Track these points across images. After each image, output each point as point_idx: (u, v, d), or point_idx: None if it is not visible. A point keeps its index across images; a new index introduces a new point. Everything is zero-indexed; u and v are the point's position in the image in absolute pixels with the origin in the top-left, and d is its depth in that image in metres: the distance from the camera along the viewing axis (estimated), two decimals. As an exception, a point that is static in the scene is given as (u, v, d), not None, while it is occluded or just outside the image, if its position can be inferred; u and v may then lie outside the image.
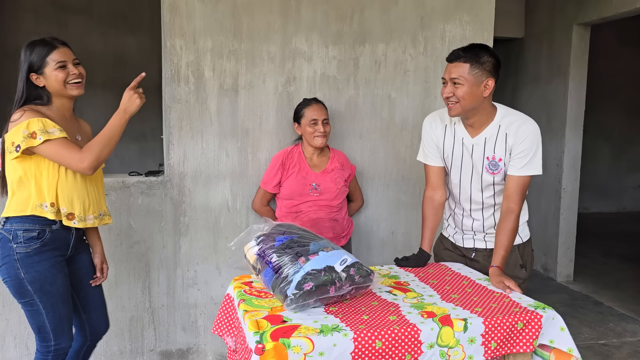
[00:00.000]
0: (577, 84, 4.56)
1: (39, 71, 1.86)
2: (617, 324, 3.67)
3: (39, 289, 1.89)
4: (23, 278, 1.86)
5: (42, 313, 1.92)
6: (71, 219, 1.92)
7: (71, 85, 1.90)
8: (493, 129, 2.00)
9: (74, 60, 1.92)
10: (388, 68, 3.00)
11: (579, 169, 4.69)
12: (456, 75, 1.91)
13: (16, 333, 2.67)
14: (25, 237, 1.85)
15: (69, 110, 1.99)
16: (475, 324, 1.58)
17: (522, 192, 1.99)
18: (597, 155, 7.48)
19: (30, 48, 1.88)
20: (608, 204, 7.80)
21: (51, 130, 1.78)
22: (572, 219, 4.71)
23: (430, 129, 2.17)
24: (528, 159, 1.96)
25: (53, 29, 5.42)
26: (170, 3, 2.68)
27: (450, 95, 1.94)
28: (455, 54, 1.94)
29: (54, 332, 1.95)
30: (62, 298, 1.95)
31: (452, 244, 2.27)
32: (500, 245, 1.98)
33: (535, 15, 5.01)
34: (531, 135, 1.96)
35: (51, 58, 1.86)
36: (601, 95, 7.04)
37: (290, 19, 2.84)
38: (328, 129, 2.63)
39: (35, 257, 1.87)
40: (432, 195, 2.21)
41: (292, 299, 1.58)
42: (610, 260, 5.32)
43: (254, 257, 1.75)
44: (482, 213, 2.12)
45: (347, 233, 2.77)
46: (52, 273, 1.91)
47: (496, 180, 2.04)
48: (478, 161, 2.04)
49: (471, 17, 3.07)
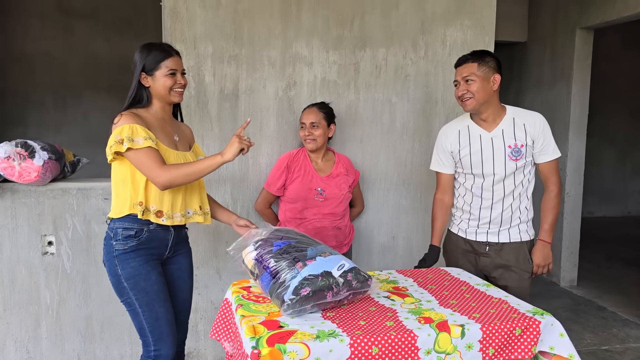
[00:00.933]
0: (580, 88, 4.55)
1: (150, 73, 1.95)
2: (621, 330, 3.64)
3: (134, 286, 1.91)
4: (120, 275, 1.91)
5: (139, 312, 1.93)
6: (160, 217, 1.95)
7: (175, 92, 1.98)
8: (508, 121, 2.23)
9: (183, 71, 2.01)
10: (389, 73, 3.00)
11: (582, 173, 4.67)
12: (467, 73, 2.17)
13: (17, 337, 2.68)
14: (124, 235, 1.91)
15: (168, 113, 2.05)
16: (473, 330, 1.58)
17: (556, 173, 2.26)
18: (601, 158, 7.44)
19: (147, 50, 1.96)
20: (612, 208, 7.75)
21: (137, 139, 1.84)
22: (575, 224, 4.69)
23: (445, 138, 2.36)
24: (551, 146, 2.23)
25: (59, 34, 5.47)
26: (171, 8, 2.70)
27: (464, 92, 2.18)
28: (463, 58, 2.22)
29: (152, 335, 1.93)
30: (158, 297, 1.94)
31: (464, 240, 2.36)
32: (544, 220, 2.27)
33: (539, 19, 5.01)
34: (545, 125, 2.22)
35: (165, 64, 1.94)
36: (605, 99, 7.01)
37: (291, 24, 2.84)
38: (317, 132, 2.60)
39: (131, 254, 1.92)
40: (442, 198, 2.42)
41: (289, 304, 1.58)
42: (614, 264, 5.28)
43: (251, 262, 1.76)
44: (502, 204, 2.25)
45: (349, 240, 2.77)
46: (146, 269, 1.93)
47: (518, 165, 2.21)
48: (499, 151, 2.22)
49: (472, 22, 3.07)
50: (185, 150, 2.06)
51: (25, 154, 2.45)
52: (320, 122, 2.61)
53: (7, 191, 2.59)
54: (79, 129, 5.66)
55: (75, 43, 5.55)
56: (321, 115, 2.63)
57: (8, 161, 2.43)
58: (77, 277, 2.72)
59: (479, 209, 2.30)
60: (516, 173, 2.23)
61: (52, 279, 2.69)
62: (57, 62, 5.52)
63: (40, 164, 2.48)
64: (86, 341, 2.77)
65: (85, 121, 5.70)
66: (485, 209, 2.28)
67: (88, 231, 2.71)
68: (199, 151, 2.18)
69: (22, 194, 2.61)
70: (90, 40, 5.60)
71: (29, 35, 5.42)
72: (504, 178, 2.23)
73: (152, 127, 1.93)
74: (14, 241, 2.62)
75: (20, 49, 5.38)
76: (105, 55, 5.65)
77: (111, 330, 2.79)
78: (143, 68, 1.94)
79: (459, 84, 2.21)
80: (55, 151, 2.60)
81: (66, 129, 5.63)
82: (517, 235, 2.28)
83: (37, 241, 2.65)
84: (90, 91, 5.66)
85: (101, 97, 5.67)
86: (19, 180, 2.49)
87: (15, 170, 2.45)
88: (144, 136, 1.84)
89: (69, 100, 5.63)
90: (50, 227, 2.66)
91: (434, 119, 3.08)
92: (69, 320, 2.73)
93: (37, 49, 5.43)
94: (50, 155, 2.53)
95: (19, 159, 2.44)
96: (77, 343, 2.75)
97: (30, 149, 2.47)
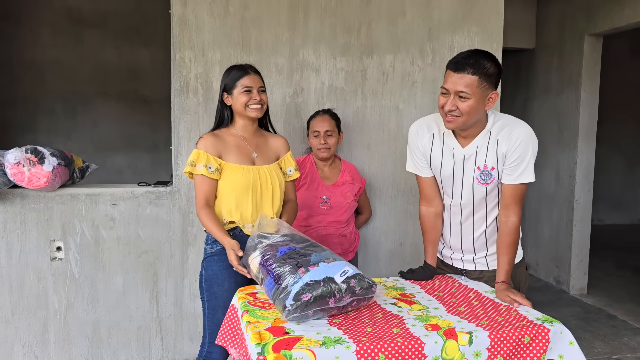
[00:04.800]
0: (589, 95, 4.52)
1: (229, 91, 2.09)
2: (632, 339, 3.59)
3: (209, 288, 2.07)
4: (202, 275, 2.09)
5: (206, 313, 2.07)
6: (233, 225, 2.10)
7: (250, 109, 2.08)
8: (484, 136, 1.88)
9: (260, 88, 2.10)
10: (396, 79, 3.00)
11: (592, 180, 4.63)
12: (463, 88, 1.76)
13: (25, 342, 2.69)
14: (212, 239, 2.09)
15: (250, 130, 2.16)
16: (481, 337, 1.56)
17: (520, 201, 1.88)
18: (611, 166, 7.38)
19: (228, 71, 2.12)
20: (622, 216, 7.68)
21: (198, 165, 2.03)
22: (585, 231, 4.64)
23: (416, 138, 2.00)
24: (524, 165, 1.84)
25: (69, 43, 5.53)
26: (180, 16, 2.73)
27: (453, 108, 1.78)
28: (462, 64, 1.76)
29: (209, 337, 2.06)
30: (224, 304, 2.01)
31: (442, 261, 2.17)
32: (502, 259, 1.89)
33: (546, 26, 4.99)
34: (524, 139, 1.83)
35: (241, 82, 2.07)
36: (614, 106, 6.96)
37: (298, 31, 2.86)
38: (331, 141, 2.59)
39: (215, 257, 2.07)
40: (427, 209, 2.09)
41: (290, 310, 1.57)
42: (624, 273, 5.22)
43: (257, 266, 1.76)
44: (473, 230, 2.01)
45: (355, 247, 2.76)
46: (223, 275, 2.05)
47: (488, 190, 1.92)
48: (469, 172, 1.92)
49: (479, 28, 3.07)
50: (266, 163, 2.15)
51: (35, 160, 2.47)
52: (334, 130, 2.62)
53: (16, 196, 2.61)
54: (88, 135, 5.71)
55: (85, 51, 5.61)
56: (334, 123, 2.63)
57: (18, 167, 2.46)
58: (85, 282, 2.73)
59: (449, 234, 2.06)
60: (487, 198, 1.94)
61: (60, 284, 2.70)
62: (68, 69, 5.58)
63: (50, 169, 2.50)
64: (93, 346, 2.77)
65: (94, 128, 5.75)
66: (455, 236, 2.05)
67: (96, 236, 2.72)
68: (287, 162, 2.23)
69: (31, 200, 2.63)
70: (100, 48, 5.66)
71: (39, 43, 5.48)
72: (473, 203, 1.95)
73: (228, 146, 2.09)
74: (22, 246, 2.64)
75: (31, 57, 5.44)
76: (114, 63, 5.70)
77: (118, 336, 2.80)
78: (225, 88, 2.09)
79: (448, 94, 1.79)
80: (65, 157, 2.62)
81: (76, 135, 5.68)
82: (495, 263, 1.99)
83: (46, 246, 2.67)
84: (100, 98, 5.71)
85: (110, 105, 5.72)
86: (29, 186, 2.51)
87: (25, 176, 2.47)
88: (204, 164, 2.02)
89: (79, 108, 5.69)
90: (59, 233, 2.67)
91: (441, 125, 3.07)
92: (77, 325, 2.74)
93: (48, 57, 5.50)
94: (59, 161, 2.56)
95: (28, 164, 2.46)
96: (84, 348, 2.76)
97: (40, 154, 2.49)
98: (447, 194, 2.01)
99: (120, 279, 2.78)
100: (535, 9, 5.12)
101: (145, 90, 5.80)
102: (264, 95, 2.11)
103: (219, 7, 2.76)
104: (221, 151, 2.06)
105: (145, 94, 5.82)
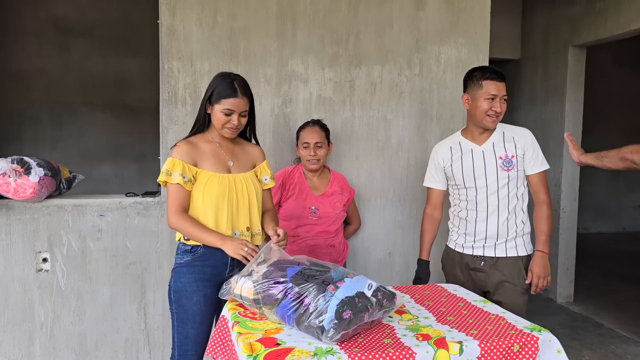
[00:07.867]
0: (573, 105, 4.60)
1: (212, 103, 2.03)
2: (619, 346, 3.63)
3: (177, 300, 2.01)
4: (171, 286, 2.04)
5: (175, 325, 2.02)
6: None
7: (225, 129, 2.05)
8: (498, 135, 2.30)
9: (242, 112, 2.05)
10: (384, 90, 3.03)
11: (577, 189, 4.69)
12: (504, 92, 2.23)
13: (10, 355, 2.64)
14: (182, 249, 2.04)
15: (226, 138, 2.11)
16: (471, 346, 1.57)
17: (545, 184, 2.31)
18: (596, 175, 7.49)
19: (220, 81, 2.03)
20: (607, 224, 7.78)
21: (174, 174, 1.98)
22: (571, 240, 4.70)
23: (437, 156, 2.41)
24: (540, 158, 2.28)
25: (55, 52, 5.50)
26: (169, 27, 2.73)
27: (500, 111, 2.22)
28: (502, 75, 2.24)
29: (178, 350, 2.02)
30: (193, 317, 2.00)
31: (460, 255, 2.37)
32: (539, 231, 2.29)
33: (531, 37, 5.08)
34: (533, 138, 2.29)
35: (225, 102, 2.00)
36: (598, 115, 7.08)
37: (287, 42, 2.88)
38: (321, 152, 2.59)
39: (184, 269, 2.02)
40: (432, 213, 2.47)
41: (335, 331, 1.48)
42: (610, 281, 5.28)
43: (251, 290, 1.68)
44: (497, 216, 2.27)
45: (344, 257, 2.75)
46: (192, 288, 2.00)
47: (511, 176, 2.25)
48: (491, 162, 2.26)
49: (466, 40, 3.11)
50: (242, 171, 2.10)
51: (21, 170, 2.45)
52: (323, 141, 2.61)
53: (2, 208, 2.58)
54: (74, 145, 5.66)
55: (71, 60, 5.58)
56: (324, 135, 2.63)
57: (4, 177, 2.42)
58: (71, 294, 2.69)
59: (474, 223, 2.31)
60: (509, 184, 2.25)
61: (46, 296, 2.66)
62: (54, 79, 5.54)
63: (36, 180, 2.47)
64: (80, 359, 2.73)
65: (81, 138, 5.70)
66: (480, 222, 2.29)
67: (83, 248, 2.69)
68: (263, 171, 2.19)
69: (17, 211, 2.60)
70: (87, 57, 5.63)
71: (25, 52, 5.44)
72: (498, 190, 2.25)
73: (203, 153, 2.04)
74: (8, 258, 2.60)
75: (17, 66, 5.39)
76: (101, 72, 5.68)
77: (105, 348, 2.76)
78: (209, 97, 2.03)
79: (496, 99, 2.21)
80: (51, 167, 2.60)
81: (62, 145, 5.62)
82: (514, 250, 2.28)
83: (32, 258, 2.63)
84: (86, 108, 5.67)
85: (97, 114, 5.69)
86: (14, 197, 2.48)
87: (10, 187, 2.44)
88: (180, 172, 1.98)
89: (64, 117, 5.64)
90: (45, 244, 2.64)
91: (429, 135, 3.10)
92: (63, 338, 2.70)
93: (34, 66, 5.45)
94: (46, 172, 2.53)
95: (14, 175, 2.43)
96: (70, 362, 2.72)
97: (26, 165, 2.47)
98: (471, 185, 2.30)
99: (107, 291, 2.74)
100: (521, 21, 5.21)
101: (133, 100, 5.78)
102: (244, 119, 2.06)
103: (207, 18, 2.77)
104: (196, 159, 2.02)
105: (132, 104, 5.79)
